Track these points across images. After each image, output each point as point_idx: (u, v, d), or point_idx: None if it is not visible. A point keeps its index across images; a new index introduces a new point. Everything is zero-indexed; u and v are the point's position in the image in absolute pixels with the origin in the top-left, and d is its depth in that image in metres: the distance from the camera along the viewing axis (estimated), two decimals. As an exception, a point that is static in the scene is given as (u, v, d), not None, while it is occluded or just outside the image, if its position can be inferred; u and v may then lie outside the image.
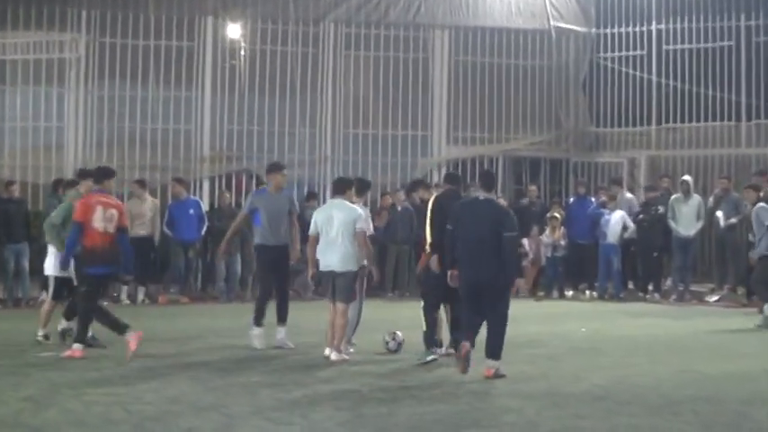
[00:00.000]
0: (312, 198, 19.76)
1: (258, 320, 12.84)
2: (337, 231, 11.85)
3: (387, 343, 12.43)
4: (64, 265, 12.25)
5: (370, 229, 12.82)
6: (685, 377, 10.81)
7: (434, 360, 11.59)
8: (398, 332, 12.51)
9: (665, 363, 11.88)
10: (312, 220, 12.19)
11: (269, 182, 13.41)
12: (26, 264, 17.53)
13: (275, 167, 13.52)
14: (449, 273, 11.08)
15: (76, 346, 11.80)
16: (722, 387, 10.14)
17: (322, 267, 12.00)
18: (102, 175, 12.54)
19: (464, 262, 10.82)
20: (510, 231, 10.80)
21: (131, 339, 11.73)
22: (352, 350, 12.27)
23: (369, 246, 12.30)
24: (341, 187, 12.39)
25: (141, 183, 18.86)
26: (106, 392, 9.73)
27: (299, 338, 13.01)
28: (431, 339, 11.81)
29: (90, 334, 12.25)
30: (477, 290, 10.79)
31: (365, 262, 12.22)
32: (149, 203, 18.77)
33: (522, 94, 22.84)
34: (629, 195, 20.59)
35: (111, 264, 12.15)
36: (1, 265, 17.51)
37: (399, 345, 12.41)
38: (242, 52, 20.96)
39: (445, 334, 12.05)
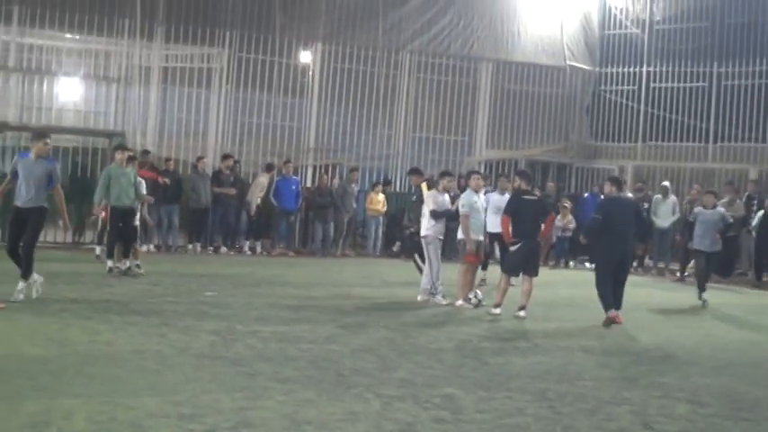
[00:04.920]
0: (386, 184, 19.48)
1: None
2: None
3: (469, 299, 11.89)
4: None
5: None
6: None
7: None
8: (478, 290, 12.08)
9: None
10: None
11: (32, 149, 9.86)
12: (176, 220, 17.15)
13: (38, 136, 9.97)
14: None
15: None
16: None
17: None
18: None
19: (613, 244, 10.73)
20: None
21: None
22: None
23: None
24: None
25: (270, 167, 18.17)
26: (273, 331, 8.88)
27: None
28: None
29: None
30: (617, 265, 10.80)
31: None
32: (266, 179, 18.07)
33: (541, 114, 22.23)
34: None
35: None
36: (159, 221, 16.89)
37: (480, 301, 11.86)
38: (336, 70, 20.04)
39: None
